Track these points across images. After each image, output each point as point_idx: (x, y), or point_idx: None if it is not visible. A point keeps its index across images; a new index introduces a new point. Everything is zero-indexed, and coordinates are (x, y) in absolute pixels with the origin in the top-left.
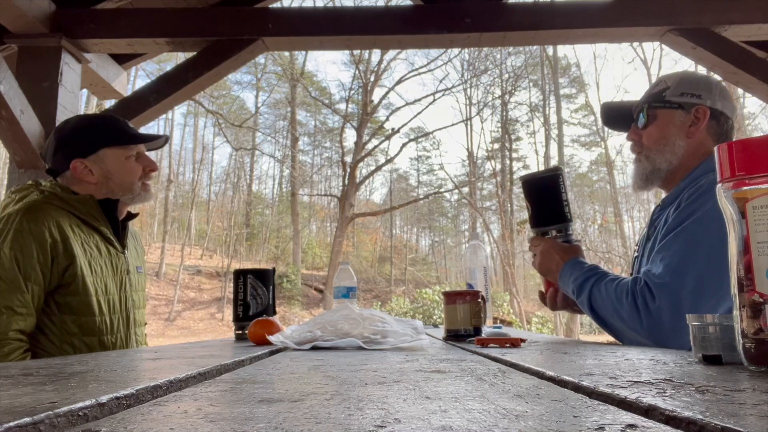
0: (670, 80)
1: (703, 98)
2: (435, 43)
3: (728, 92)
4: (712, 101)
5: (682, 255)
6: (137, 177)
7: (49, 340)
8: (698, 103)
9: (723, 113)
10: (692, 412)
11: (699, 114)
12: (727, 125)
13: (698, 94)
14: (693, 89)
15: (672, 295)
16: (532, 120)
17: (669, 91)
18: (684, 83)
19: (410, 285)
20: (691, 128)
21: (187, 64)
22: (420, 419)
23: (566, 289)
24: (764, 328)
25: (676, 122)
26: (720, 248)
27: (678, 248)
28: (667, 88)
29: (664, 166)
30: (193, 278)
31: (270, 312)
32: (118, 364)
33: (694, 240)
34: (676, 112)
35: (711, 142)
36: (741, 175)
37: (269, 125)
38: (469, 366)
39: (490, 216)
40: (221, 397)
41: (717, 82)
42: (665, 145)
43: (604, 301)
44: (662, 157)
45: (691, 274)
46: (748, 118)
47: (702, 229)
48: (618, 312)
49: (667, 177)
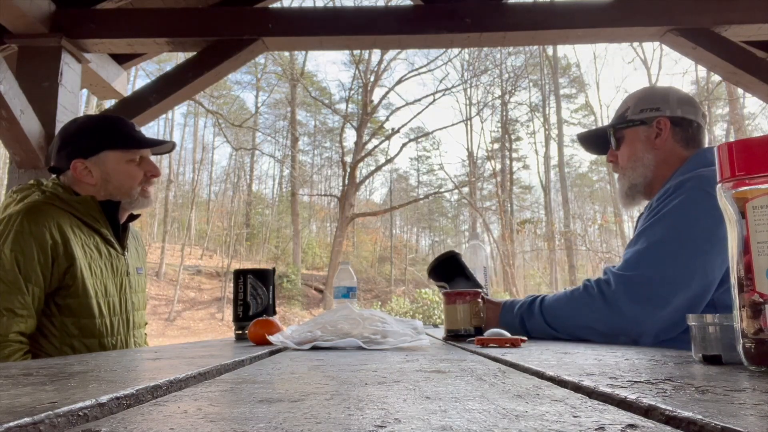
0: (630, 100)
1: (661, 110)
2: (435, 43)
3: (689, 98)
4: (671, 110)
5: (642, 248)
6: (137, 182)
7: (50, 342)
8: (657, 116)
9: (684, 118)
10: (692, 412)
11: (660, 125)
12: (692, 128)
13: (656, 107)
14: (651, 104)
15: (628, 282)
16: (532, 120)
17: (630, 111)
18: (642, 100)
19: (410, 285)
20: (657, 140)
21: (187, 64)
22: (420, 419)
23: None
24: (764, 328)
25: (641, 137)
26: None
27: (641, 245)
28: (628, 108)
29: (640, 181)
30: (193, 278)
31: (270, 312)
32: (118, 365)
33: (654, 234)
34: (639, 129)
35: (680, 148)
36: (741, 175)
37: (269, 125)
38: (469, 366)
39: (490, 216)
40: (221, 397)
41: (675, 92)
42: (636, 161)
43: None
44: (636, 173)
45: (648, 264)
46: (748, 118)
47: (661, 225)
48: (573, 310)
49: (645, 189)
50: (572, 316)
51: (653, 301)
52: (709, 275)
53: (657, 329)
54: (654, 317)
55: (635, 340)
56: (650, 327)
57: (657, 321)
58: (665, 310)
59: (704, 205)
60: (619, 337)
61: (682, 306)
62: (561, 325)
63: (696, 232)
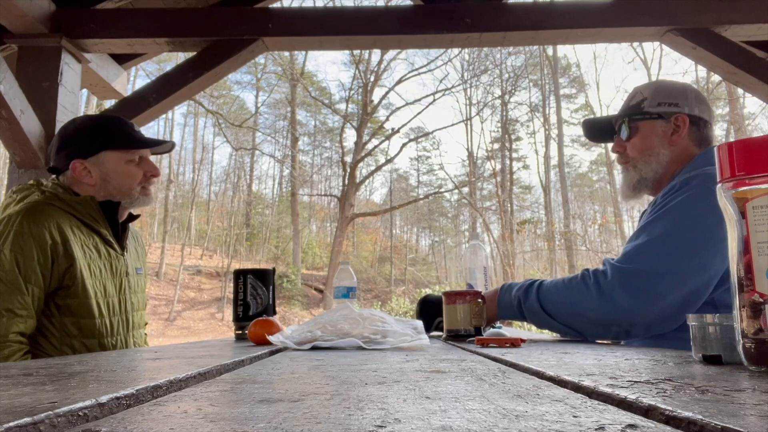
0: (646, 91)
1: (680, 106)
2: (435, 43)
3: (704, 97)
4: (689, 108)
5: (642, 242)
6: (137, 182)
7: (49, 342)
8: (677, 111)
9: (701, 118)
10: (692, 412)
11: (678, 122)
12: (707, 129)
13: (675, 102)
14: (669, 98)
15: (624, 273)
16: (532, 120)
17: (647, 102)
18: (659, 93)
19: (410, 285)
20: (673, 136)
21: (187, 64)
22: (420, 419)
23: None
24: (764, 328)
25: (658, 132)
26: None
27: (641, 239)
28: (644, 99)
29: (650, 175)
30: (193, 278)
31: (270, 312)
32: (118, 364)
33: (655, 229)
34: (656, 122)
35: (693, 147)
36: (741, 175)
37: (269, 125)
38: (469, 366)
39: (490, 216)
40: (221, 397)
41: (692, 89)
42: (650, 155)
43: (554, 294)
44: (648, 167)
45: (647, 258)
46: (748, 118)
47: (664, 221)
48: (570, 297)
49: (653, 184)
50: (567, 302)
51: (647, 294)
52: (707, 273)
53: (649, 322)
54: (645, 310)
55: (627, 331)
56: (642, 319)
57: (649, 314)
58: (658, 304)
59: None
60: (610, 327)
61: (676, 302)
62: (556, 311)
63: (698, 230)
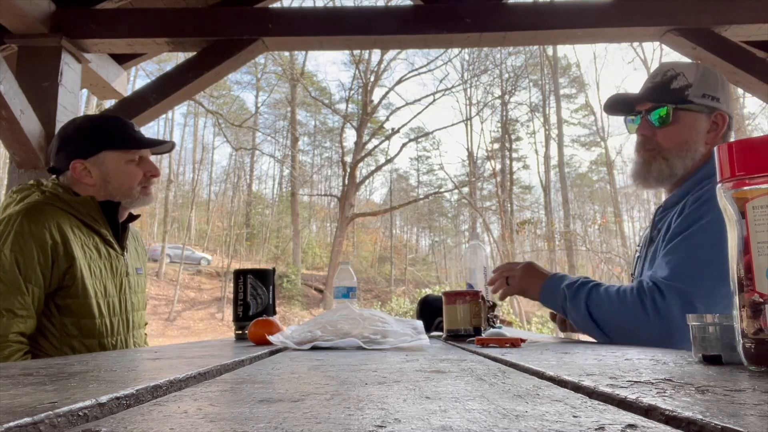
0: (690, 74)
1: (721, 102)
2: (435, 43)
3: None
4: (727, 105)
5: (690, 259)
6: (136, 182)
7: (50, 342)
8: (718, 108)
9: (731, 116)
10: (692, 412)
11: (718, 120)
12: (732, 127)
13: (717, 96)
14: (713, 91)
15: (682, 296)
16: (532, 120)
17: (692, 90)
18: (705, 82)
19: (410, 285)
20: (710, 134)
21: (187, 64)
22: (420, 419)
23: (553, 300)
24: (764, 328)
25: (699, 128)
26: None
27: (686, 253)
28: (688, 85)
29: (681, 172)
30: (193, 278)
31: (270, 312)
32: (118, 364)
33: (702, 245)
34: (699, 117)
35: None
36: (741, 175)
37: (269, 125)
38: (469, 366)
39: (490, 216)
40: (221, 397)
41: (726, 81)
42: (687, 150)
43: (605, 303)
44: (681, 162)
45: (699, 278)
46: (748, 118)
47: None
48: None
49: (678, 181)
50: (618, 316)
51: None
52: None
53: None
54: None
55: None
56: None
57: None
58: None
59: None
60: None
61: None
62: (603, 319)
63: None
